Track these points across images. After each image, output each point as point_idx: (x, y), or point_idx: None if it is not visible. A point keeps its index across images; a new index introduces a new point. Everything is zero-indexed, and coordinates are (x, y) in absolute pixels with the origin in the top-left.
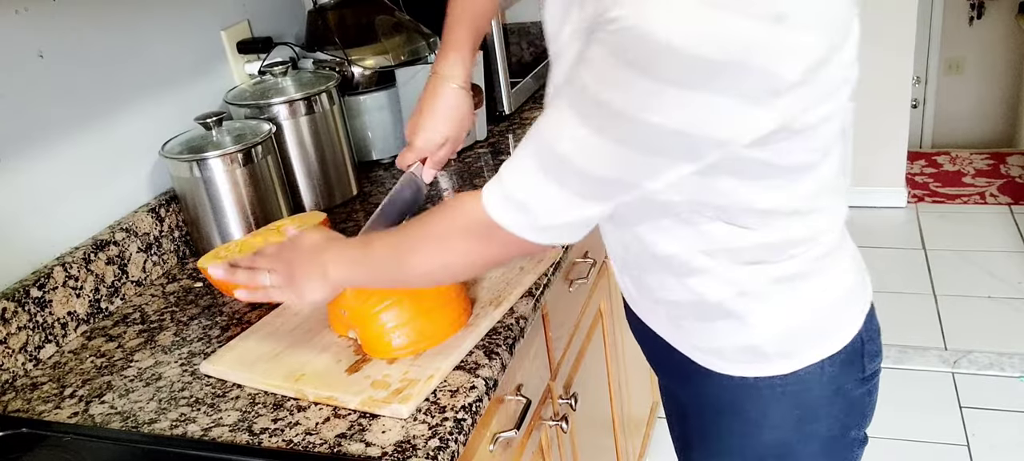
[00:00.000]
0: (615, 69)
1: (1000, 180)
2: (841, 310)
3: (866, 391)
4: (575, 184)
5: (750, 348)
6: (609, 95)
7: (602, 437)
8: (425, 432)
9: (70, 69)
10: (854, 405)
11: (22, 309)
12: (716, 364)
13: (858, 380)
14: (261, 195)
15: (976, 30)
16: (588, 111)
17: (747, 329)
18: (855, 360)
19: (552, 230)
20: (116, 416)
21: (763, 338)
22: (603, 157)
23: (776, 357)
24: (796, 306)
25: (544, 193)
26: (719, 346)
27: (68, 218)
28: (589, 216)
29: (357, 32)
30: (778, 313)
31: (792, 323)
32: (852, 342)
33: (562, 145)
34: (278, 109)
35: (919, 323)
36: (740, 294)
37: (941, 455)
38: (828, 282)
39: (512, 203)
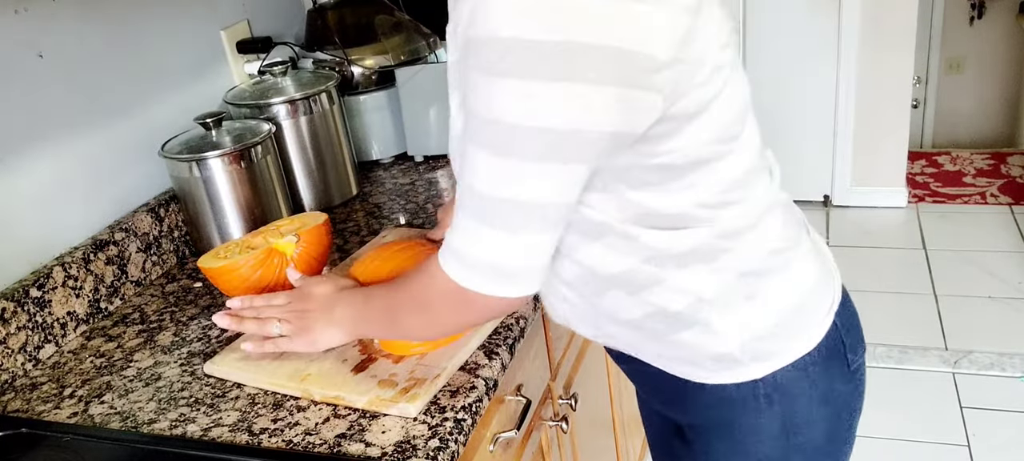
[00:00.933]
0: (490, 84)
1: (1000, 180)
2: (808, 305)
3: (854, 387)
4: (512, 220)
5: (721, 356)
6: (496, 112)
7: (602, 437)
8: (425, 432)
9: (70, 69)
10: (841, 405)
11: (21, 309)
12: (695, 374)
13: (845, 377)
14: (261, 195)
15: (976, 30)
16: (487, 138)
17: (714, 336)
18: (837, 355)
19: (521, 276)
20: (116, 416)
21: (732, 344)
22: (517, 180)
23: (749, 361)
24: (759, 307)
25: (492, 242)
26: (692, 356)
27: (68, 218)
28: (545, 249)
29: (357, 32)
30: (741, 317)
31: (758, 325)
32: (828, 337)
33: (479, 184)
34: (278, 109)
35: (919, 323)
36: (698, 301)
37: (941, 455)
38: (788, 278)
39: (469, 265)
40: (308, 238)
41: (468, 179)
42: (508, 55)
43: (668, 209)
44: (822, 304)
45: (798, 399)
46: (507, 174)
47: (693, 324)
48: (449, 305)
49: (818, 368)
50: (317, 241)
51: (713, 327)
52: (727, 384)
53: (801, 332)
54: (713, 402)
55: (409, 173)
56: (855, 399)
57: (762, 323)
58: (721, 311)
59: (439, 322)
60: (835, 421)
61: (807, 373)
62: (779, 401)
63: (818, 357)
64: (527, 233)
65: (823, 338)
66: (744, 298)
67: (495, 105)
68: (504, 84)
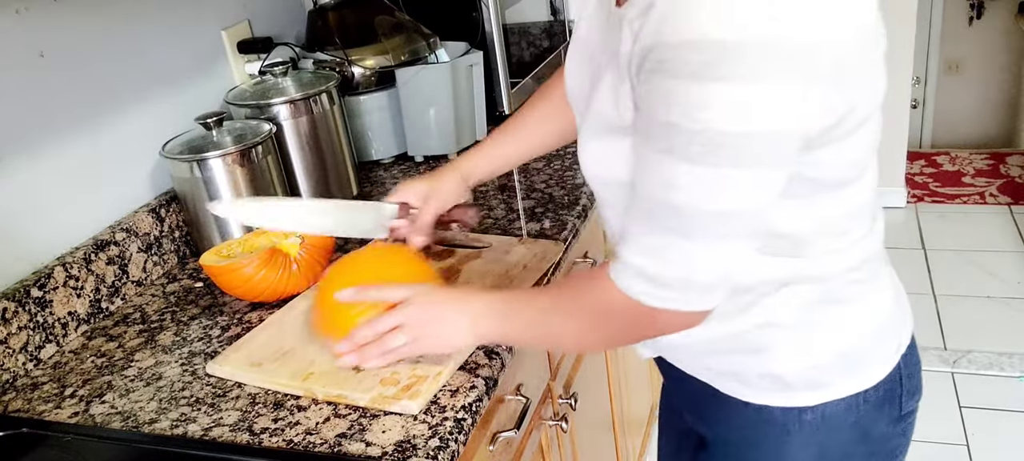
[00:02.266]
0: (696, 90)
1: (1000, 180)
2: (875, 342)
3: (900, 431)
4: (716, 230)
5: (773, 376)
6: (703, 120)
7: (602, 437)
8: (425, 432)
9: (70, 69)
10: (882, 447)
11: (22, 309)
12: (742, 392)
13: (893, 419)
14: (261, 195)
15: (976, 30)
16: (687, 149)
17: (772, 358)
18: (892, 398)
19: (715, 288)
20: (116, 416)
21: (788, 368)
22: (727, 189)
23: (801, 387)
24: (824, 337)
25: (690, 256)
26: (739, 371)
27: (68, 218)
28: (741, 259)
29: (357, 32)
30: (805, 343)
31: (819, 354)
32: (888, 378)
33: (678, 197)
34: (278, 109)
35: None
36: (769, 324)
37: (941, 455)
38: (861, 312)
39: (658, 283)
40: (311, 239)
41: (658, 193)
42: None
43: (790, 229)
44: (891, 344)
45: (839, 433)
46: (715, 184)
47: (756, 346)
48: (626, 321)
49: (869, 407)
50: (320, 243)
51: (774, 351)
52: (773, 406)
53: (860, 369)
54: (751, 421)
55: (409, 173)
56: (899, 443)
57: (824, 353)
58: (786, 335)
59: (606, 334)
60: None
61: (857, 410)
62: (820, 431)
63: (873, 396)
64: (729, 242)
65: (883, 379)
66: (811, 325)
67: (699, 112)
68: (714, 88)
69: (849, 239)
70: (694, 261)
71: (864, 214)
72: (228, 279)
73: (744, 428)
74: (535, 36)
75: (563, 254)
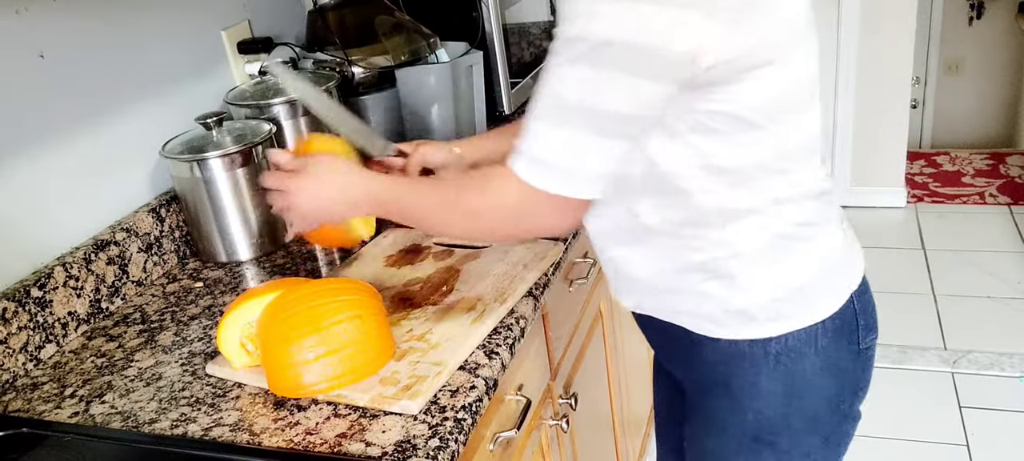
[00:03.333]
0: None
1: (1000, 180)
2: (830, 277)
3: (860, 365)
4: (590, 124)
5: (740, 311)
6: (594, 27)
7: (602, 437)
8: (425, 432)
9: (70, 69)
10: (846, 378)
11: (22, 309)
12: (707, 328)
13: (853, 352)
14: (261, 196)
15: (976, 30)
16: (580, 52)
17: (738, 291)
18: (849, 331)
19: (580, 179)
20: (116, 416)
21: (752, 300)
22: (606, 89)
23: (765, 320)
24: (783, 270)
25: (564, 141)
26: (710, 310)
27: (68, 218)
28: (610, 158)
29: (357, 32)
30: (766, 276)
31: (780, 287)
32: (843, 311)
33: (568, 92)
34: (278, 109)
35: (919, 323)
36: (733, 255)
37: (941, 455)
38: (816, 249)
39: (537, 162)
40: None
41: (556, 87)
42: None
43: (728, 163)
44: (842, 281)
45: (803, 362)
46: (595, 84)
47: (721, 276)
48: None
49: (828, 338)
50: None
51: (738, 281)
52: (739, 339)
53: (817, 301)
54: (721, 357)
55: None
56: (861, 378)
57: (784, 285)
58: (749, 267)
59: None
60: (838, 393)
61: (816, 340)
62: (785, 362)
63: (830, 327)
64: (608, 140)
65: (838, 311)
66: (772, 259)
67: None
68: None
69: (791, 177)
70: (570, 146)
71: (803, 155)
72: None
73: (718, 364)
74: (535, 36)
75: (563, 254)
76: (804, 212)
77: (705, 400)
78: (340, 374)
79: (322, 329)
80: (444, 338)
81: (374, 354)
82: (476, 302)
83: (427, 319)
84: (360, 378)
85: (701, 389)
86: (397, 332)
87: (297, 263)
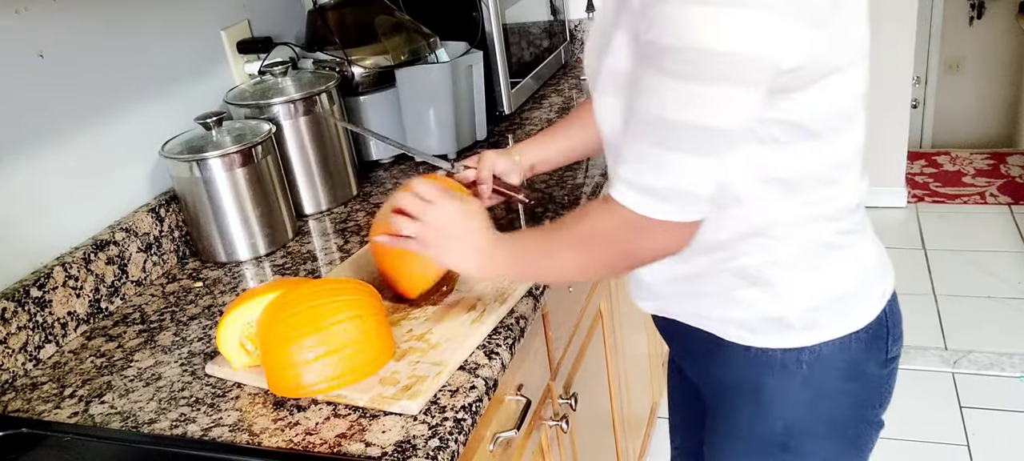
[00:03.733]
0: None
1: (1000, 180)
2: (865, 287)
3: (887, 375)
4: (690, 143)
5: (776, 319)
6: (689, 39)
7: (602, 437)
8: (425, 432)
9: (70, 69)
10: (872, 387)
11: (22, 309)
12: (739, 335)
13: (880, 361)
14: (261, 195)
15: (976, 30)
16: (677, 66)
17: (776, 298)
18: (879, 341)
19: (690, 202)
20: (116, 416)
21: (789, 308)
22: (707, 103)
23: (801, 329)
24: (822, 279)
25: (675, 167)
26: (744, 317)
27: (68, 218)
28: (714, 175)
29: (357, 32)
30: (805, 284)
31: (817, 295)
32: (877, 321)
33: (670, 111)
34: (278, 109)
35: (919, 323)
36: (772, 262)
37: (941, 455)
38: (853, 258)
39: (649, 192)
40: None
41: (649, 109)
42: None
43: (785, 172)
44: (878, 290)
45: (833, 370)
46: (691, 98)
47: (760, 283)
48: (622, 236)
49: (859, 346)
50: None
51: (778, 289)
52: (773, 348)
53: (854, 310)
54: (750, 364)
55: (409, 173)
56: (885, 386)
57: (823, 294)
58: (789, 275)
59: (603, 256)
60: (863, 399)
61: (849, 349)
62: (817, 368)
63: (863, 336)
64: (711, 157)
65: (872, 321)
66: (811, 267)
67: (680, 33)
68: (697, 10)
69: (840, 187)
70: (681, 171)
71: (854, 165)
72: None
73: (745, 371)
74: (535, 36)
75: None
76: (845, 221)
77: (730, 406)
78: (340, 374)
79: (322, 329)
80: (444, 338)
81: (374, 354)
82: (476, 302)
83: (427, 319)
84: (360, 378)
85: (725, 394)
86: (397, 332)
87: (297, 263)
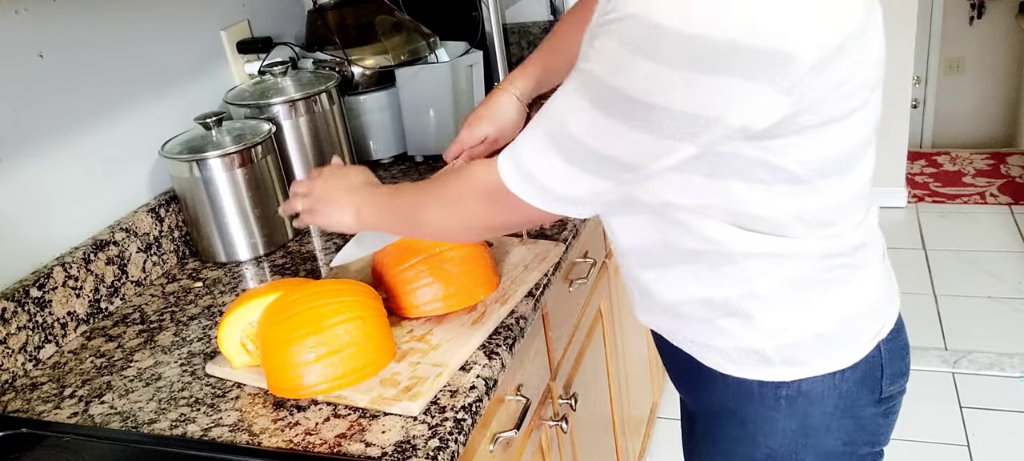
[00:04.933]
0: (623, 57)
1: (1000, 180)
2: (856, 325)
3: (882, 412)
4: (584, 161)
5: (754, 351)
6: (618, 81)
7: (602, 437)
8: (425, 432)
9: (70, 69)
10: (866, 425)
11: (22, 309)
12: (720, 364)
13: (874, 401)
14: (261, 195)
15: (976, 30)
16: (598, 96)
17: (753, 331)
18: (872, 380)
19: (560, 202)
20: (116, 416)
21: (768, 342)
22: (612, 137)
23: (780, 363)
24: (805, 316)
25: (554, 167)
26: (723, 346)
27: (68, 218)
28: (596, 192)
29: (357, 32)
30: (785, 320)
31: (799, 332)
32: (868, 360)
33: (573, 126)
34: (278, 109)
35: (919, 323)
36: (751, 294)
37: (941, 455)
38: (845, 296)
39: (523, 174)
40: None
41: (561, 113)
42: (649, 35)
43: (767, 213)
44: (869, 330)
45: (821, 405)
46: (602, 130)
47: (738, 313)
48: (482, 200)
49: (848, 385)
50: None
51: (755, 321)
52: (751, 380)
53: (839, 350)
54: (731, 393)
55: (409, 173)
56: (881, 425)
57: (803, 331)
58: (768, 309)
59: (463, 217)
60: (855, 435)
61: (834, 386)
62: (799, 405)
63: (851, 376)
64: (591, 176)
65: (861, 361)
66: (794, 303)
67: (618, 76)
68: (634, 61)
69: (832, 230)
70: (557, 176)
71: (851, 208)
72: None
73: (727, 400)
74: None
75: (564, 254)
76: (840, 259)
77: (714, 429)
78: (341, 375)
79: (323, 330)
80: (445, 339)
81: (375, 355)
82: (477, 303)
83: (427, 320)
84: (361, 379)
85: (709, 417)
86: (397, 333)
87: (297, 263)
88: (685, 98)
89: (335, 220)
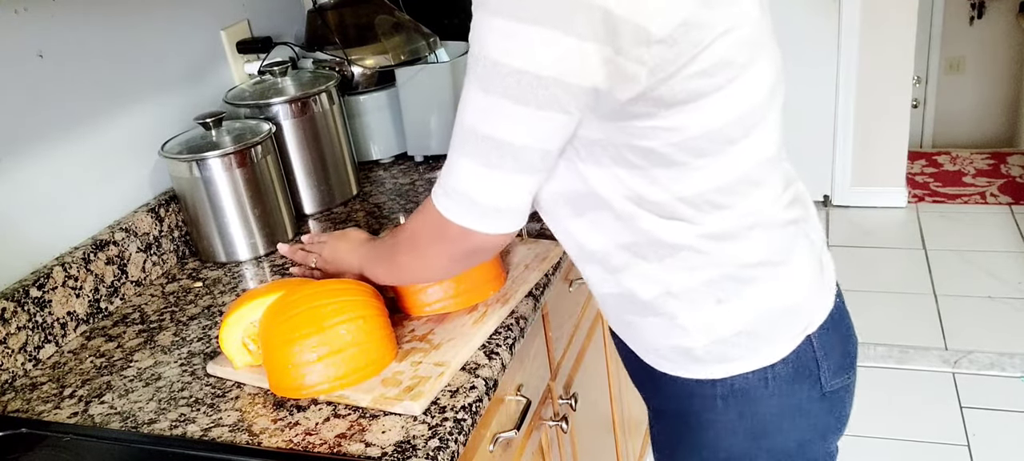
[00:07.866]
0: (482, 20)
1: (1000, 180)
2: (782, 319)
3: (826, 408)
4: (492, 156)
5: (683, 350)
6: (484, 48)
7: (602, 437)
8: (425, 432)
9: (70, 69)
10: (811, 421)
11: (22, 309)
12: (659, 363)
13: (815, 397)
14: (261, 195)
15: (976, 30)
16: (477, 74)
17: (679, 330)
18: (808, 374)
19: (495, 214)
20: (116, 416)
21: (695, 341)
22: (498, 116)
23: (710, 361)
24: (727, 312)
25: (473, 175)
26: (656, 344)
27: (68, 218)
28: (520, 190)
29: (357, 32)
30: (708, 318)
31: (723, 329)
32: (799, 355)
33: (467, 116)
34: (278, 109)
35: (920, 323)
36: (667, 293)
37: (941, 455)
38: (769, 289)
39: (453, 195)
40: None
41: (461, 111)
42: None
43: (653, 196)
44: (797, 324)
45: (759, 405)
46: (489, 110)
47: (660, 314)
48: (432, 237)
49: (782, 382)
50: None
51: (679, 321)
52: (688, 378)
53: (766, 345)
54: (675, 392)
55: (409, 173)
56: (830, 420)
57: (728, 328)
58: (688, 308)
59: (426, 257)
60: (807, 434)
61: (767, 384)
62: (736, 404)
63: (783, 371)
64: (502, 171)
65: (791, 354)
66: (714, 301)
67: (484, 41)
68: (493, 22)
69: (734, 212)
70: (474, 180)
71: (748, 187)
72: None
73: (670, 399)
74: None
75: (564, 253)
76: (756, 249)
77: (671, 430)
78: (343, 375)
79: (324, 329)
80: (446, 339)
81: (376, 355)
82: (478, 304)
83: (429, 320)
84: (362, 379)
85: (666, 418)
86: (399, 332)
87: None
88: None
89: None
